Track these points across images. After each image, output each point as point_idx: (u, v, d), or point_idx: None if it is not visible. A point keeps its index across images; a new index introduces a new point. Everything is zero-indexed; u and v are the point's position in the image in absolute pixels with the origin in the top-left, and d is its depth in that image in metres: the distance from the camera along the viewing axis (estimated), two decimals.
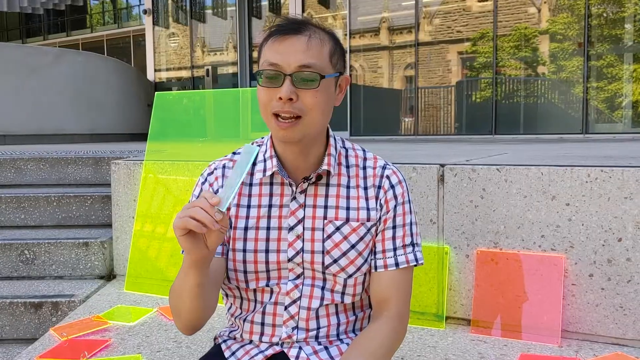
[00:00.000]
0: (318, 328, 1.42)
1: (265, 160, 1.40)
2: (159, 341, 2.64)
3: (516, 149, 5.00)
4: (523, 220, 2.60)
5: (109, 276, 3.69)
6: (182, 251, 1.35)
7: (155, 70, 13.52)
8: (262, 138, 1.47)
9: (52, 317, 3.24)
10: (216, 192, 1.41)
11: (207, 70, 13.01)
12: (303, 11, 11.64)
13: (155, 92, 3.52)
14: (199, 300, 1.25)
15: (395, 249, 1.40)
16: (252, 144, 1.49)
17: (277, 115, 1.27)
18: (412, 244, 1.42)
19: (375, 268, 1.40)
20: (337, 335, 1.45)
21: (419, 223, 2.80)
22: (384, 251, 1.40)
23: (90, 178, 4.46)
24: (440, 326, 2.73)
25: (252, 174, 1.42)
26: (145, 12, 13.63)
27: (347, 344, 1.43)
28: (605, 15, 8.84)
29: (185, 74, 13.52)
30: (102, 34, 21.37)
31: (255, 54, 11.91)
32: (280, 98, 1.24)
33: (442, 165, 2.79)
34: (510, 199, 2.63)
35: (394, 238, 1.40)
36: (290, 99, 1.24)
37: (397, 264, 1.39)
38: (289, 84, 1.24)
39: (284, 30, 1.28)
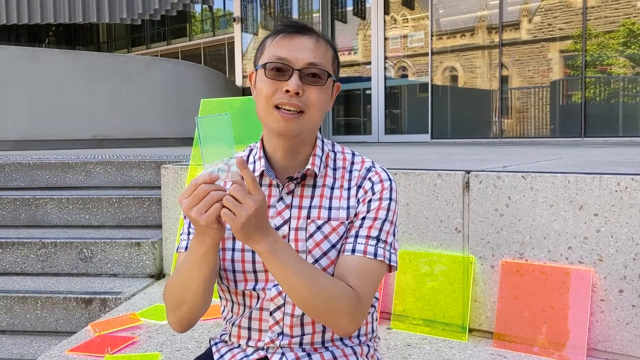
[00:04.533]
0: (302, 335, 1.42)
1: (255, 162, 1.44)
2: (182, 340, 2.73)
3: (581, 152, 4.72)
4: (549, 231, 2.46)
5: (159, 275, 3.85)
6: (177, 249, 1.42)
7: (244, 77, 13.88)
8: (256, 143, 1.50)
9: (101, 312, 3.43)
10: None
11: None
12: (386, 13, 11.56)
13: (201, 100, 3.63)
14: (207, 290, 1.28)
15: (356, 237, 1.35)
16: (246, 149, 1.52)
17: (278, 108, 1.31)
18: (378, 239, 1.35)
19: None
20: (323, 342, 1.44)
21: (444, 231, 2.72)
22: (346, 237, 1.37)
23: (152, 181, 4.67)
24: (462, 338, 2.63)
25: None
26: (234, 20, 14.06)
27: (332, 352, 1.42)
28: None
29: None
30: (200, 42, 22.28)
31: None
32: (287, 91, 1.28)
33: (468, 172, 2.69)
34: (536, 208, 2.49)
35: (360, 227, 1.36)
36: (297, 93, 1.29)
37: (353, 250, 1.33)
38: (297, 78, 1.29)
39: (293, 29, 1.34)
